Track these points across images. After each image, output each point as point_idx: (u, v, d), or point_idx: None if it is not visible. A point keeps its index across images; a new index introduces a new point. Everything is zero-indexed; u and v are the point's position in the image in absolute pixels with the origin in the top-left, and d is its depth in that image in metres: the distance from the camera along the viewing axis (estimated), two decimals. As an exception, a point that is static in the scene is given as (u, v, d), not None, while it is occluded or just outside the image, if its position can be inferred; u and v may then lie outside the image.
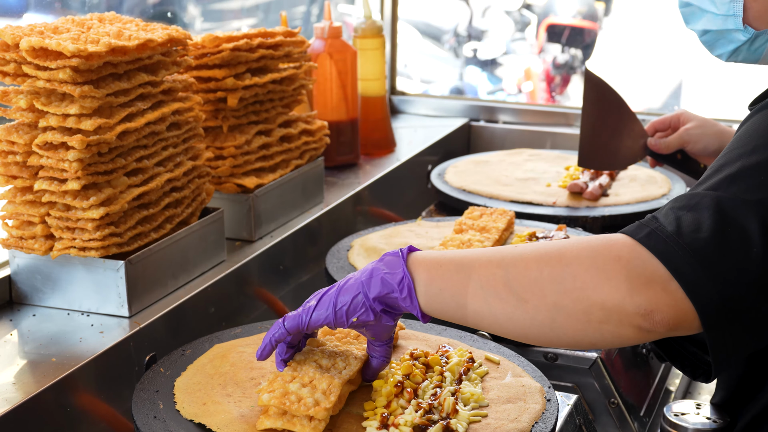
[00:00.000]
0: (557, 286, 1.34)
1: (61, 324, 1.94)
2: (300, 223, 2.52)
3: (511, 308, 1.37)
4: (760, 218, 1.31)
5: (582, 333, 1.36)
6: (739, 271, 1.30)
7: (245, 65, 2.32)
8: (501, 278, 1.38)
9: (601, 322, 1.33)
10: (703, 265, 1.30)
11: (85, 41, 1.84)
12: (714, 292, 1.30)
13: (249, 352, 1.80)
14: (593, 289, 1.32)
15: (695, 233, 1.32)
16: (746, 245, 1.30)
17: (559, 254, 1.36)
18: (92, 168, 1.88)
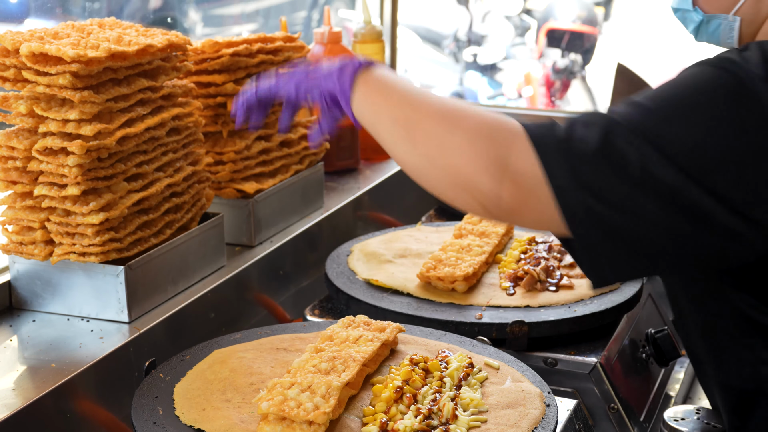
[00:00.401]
0: (441, 144, 1.49)
1: (61, 329, 1.94)
2: (300, 228, 2.52)
3: (404, 145, 1.54)
4: (640, 150, 1.41)
5: (443, 189, 1.52)
6: (608, 190, 1.41)
7: (245, 70, 2.32)
8: (407, 119, 1.54)
9: (459, 187, 1.49)
10: (575, 173, 1.41)
11: (85, 46, 1.84)
12: (580, 201, 1.41)
13: (249, 357, 1.80)
14: (465, 162, 1.46)
15: (581, 143, 1.43)
16: (622, 169, 1.40)
17: (457, 119, 1.50)
18: (92, 173, 1.88)
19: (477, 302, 2.05)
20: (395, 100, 1.56)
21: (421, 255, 2.28)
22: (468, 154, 1.46)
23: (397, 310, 2.02)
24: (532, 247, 2.31)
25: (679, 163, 1.41)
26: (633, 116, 1.45)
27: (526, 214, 1.47)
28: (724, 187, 1.42)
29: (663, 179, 1.41)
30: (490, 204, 1.46)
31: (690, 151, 1.42)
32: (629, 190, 1.41)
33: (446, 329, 1.95)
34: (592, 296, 2.08)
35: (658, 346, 2.14)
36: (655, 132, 1.43)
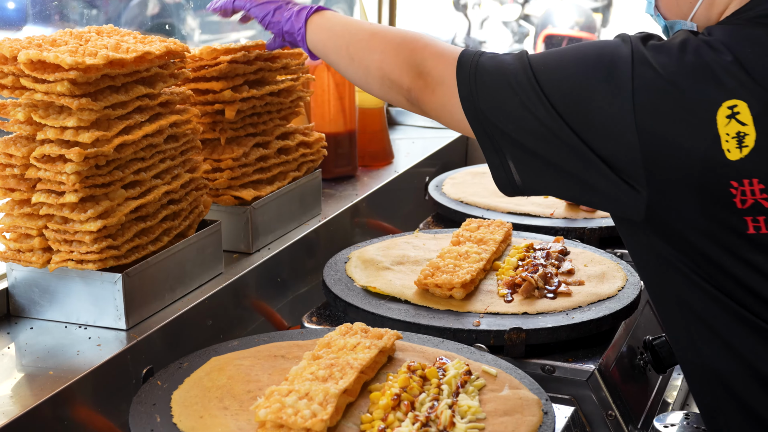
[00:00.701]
0: (373, 57, 1.91)
1: (59, 337, 1.94)
2: (298, 235, 2.52)
3: (348, 63, 1.98)
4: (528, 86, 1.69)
5: (380, 92, 1.94)
6: (498, 109, 1.72)
7: (243, 77, 2.33)
8: (346, 43, 1.97)
9: (389, 87, 1.90)
10: (475, 85, 1.75)
11: (83, 54, 1.84)
12: (476, 110, 1.74)
13: (246, 364, 1.80)
14: (391, 68, 1.89)
15: (492, 60, 1.76)
16: (511, 98, 1.70)
17: (385, 36, 1.93)
18: (90, 181, 1.88)
19: (475, 309, 2.05)
20: (336, 32, 2.00)
21: (418, 262, 2.28)
22: (392, 60, 1.88)
23: (394, 317, 2.02)
24: (530, 254, 2.31)
25: (554, 106, 1.67)
26: (541, 57, 1.74)
27: (437, 109, 1.84)
28: (601, 144, 1.64)
29: (541, 119, 1.68)
30: (411, 97, 1.87)
31: (563, 97, 1.67)
32: (515, 120, 1.70)
33: (444, 336, 1.95)
34: (590, 303, 2.08)
35: (655, 352, 2.14)
36: (545, 72, 1.70)
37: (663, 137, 1.61)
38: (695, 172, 1.59)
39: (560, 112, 1.66)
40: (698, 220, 1.62)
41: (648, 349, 2.15)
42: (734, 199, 1.59)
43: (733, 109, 1.58)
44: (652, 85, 1.62)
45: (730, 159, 1.58)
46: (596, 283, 2.18)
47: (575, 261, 2.30)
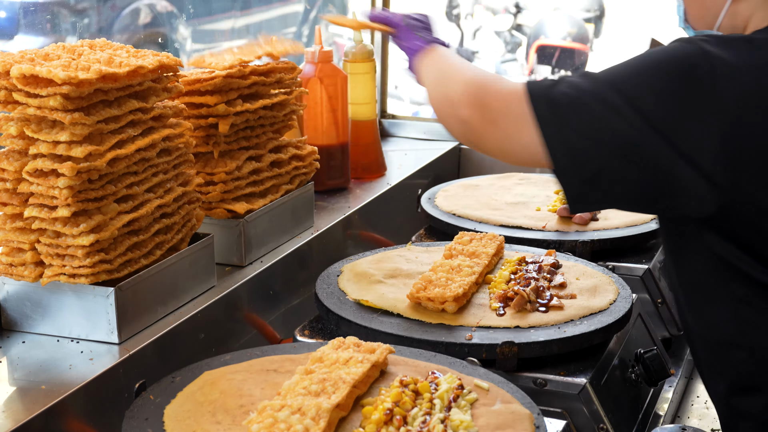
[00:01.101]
0: (443, 91, 1.93)
1: (51, 351, 1.94)
2: (290, 247, 2.52)
3: (429, 88, 2.00)
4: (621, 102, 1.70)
5: (442, 120, 1.94)
6: (588, 131, 1.72)
7: (237, 92, 2.33)
8: (434, 76, 1.99)
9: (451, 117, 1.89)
10: (555, 113, 1.74)
11: (75, 68, 1.85)
12: (558, 136, 1.74)
13: (239, 379, 1.80)
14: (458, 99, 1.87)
15: (564, 84, 1.77)
16: (604, 117, 1.71)
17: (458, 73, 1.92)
18: (82, 195, 1.89)
19: (467, 323, 2.06)
20: (433, 62, 2.02)
21: (411, 275, 2.29)
22: (460, 93, 1.86)
23: (387, 330, 2.02)
24: (522, 267, 2.31)
25: (641, 112, 1.69)
26: (610, 73, 1.77)
27: (498, 140, 1.83)
28: (686, 145, 1.68)
29: (625, 129, 1.69)
30: (467, 130, 1.86)
31: (652, 103, 1.70)
32: (597, 135, 1.71)
33: (436, 350, 1.95)
34: (582, 317, 2.09)
35: (647, 365, 2.15)
36: (624, 85, 1.72)
37: (748, 129, 1.69)
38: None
39: (647, 118, 1.70)
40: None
41: (640, 362, 2.16)
42: None
43: None
44: (733, 82, 1.70)
45: None
46: (588, 296, 2.18)
47: (567, 274, 2.30)
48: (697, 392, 2.56)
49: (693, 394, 2.56)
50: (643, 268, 2.55)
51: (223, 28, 6.49)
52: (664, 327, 2.55)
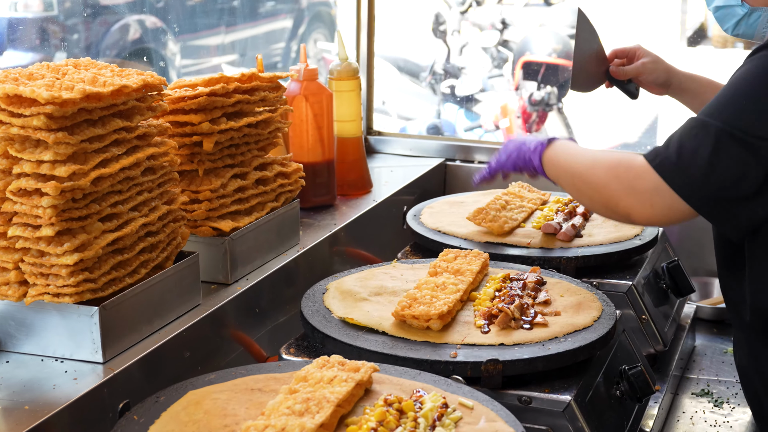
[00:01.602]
0: (597, 194, 2.07)
1: (35, 370, 1.94)
2: (276, 265, 2.52)
3: (577, 195, 2.14)
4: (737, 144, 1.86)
5: (606, 215, 2.12)
6: (724, 186, 1.88)
7: (221, 110, 2.34)
8: (571, 173, 2.14)
9: (613, 213, 2.06)
10: (693, 183, 1.90)
11: (59, 88, 1.85)
12: (704, 197, 1.90)
13: (223, 398, 1.80)
14: (611, 198, 2.03)
15: (692, 159, 1.90)
16: (736, 171, 1.86)
17: (597, 170, 2.07)
18: (66, 214, 1.89)
19: (452, 340, 2.06)
20: (563, 164, 2.16)
21: (396, 293, 2.29)
22: (605, 186, 2.04)
23: (372, 348, 2.02)
24: (507, 284, 2.32)
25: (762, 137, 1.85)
26: (722, 113, 1.90)
27: (660, 216, 1.99)
28: None
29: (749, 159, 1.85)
30: (630, 219, 2.04)
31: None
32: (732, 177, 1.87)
33: (421, 368, 1.95)
34: (566, 334, 2.09)
35: (631, 382, 2.15)
36: (738, 119, 1.87)
37: None
38: None
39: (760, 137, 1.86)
40: None
41: (624, 378, 2.16)
42: None
43: None
44: None
45: None
46: (572, 313, 2.19)
47: (551, 291, 2.31)
48: (683, 408, 2.57)
49: (678, 409, 2.56)
50: (628, 285, 2.55)
51: (211, 43, 6.50)
52: (649, 343, 2.55)
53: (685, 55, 7.46)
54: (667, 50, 7.76)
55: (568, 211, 2.87)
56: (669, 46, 7.63)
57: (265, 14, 7.57)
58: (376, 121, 3.87)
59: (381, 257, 2.94)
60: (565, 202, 2.96)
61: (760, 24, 2.18)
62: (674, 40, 7.79)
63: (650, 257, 2.76)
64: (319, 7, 8.60)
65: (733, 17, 2.20)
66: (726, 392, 2.65)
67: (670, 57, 2.83)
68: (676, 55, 7.31)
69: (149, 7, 4.81)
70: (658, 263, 2.80)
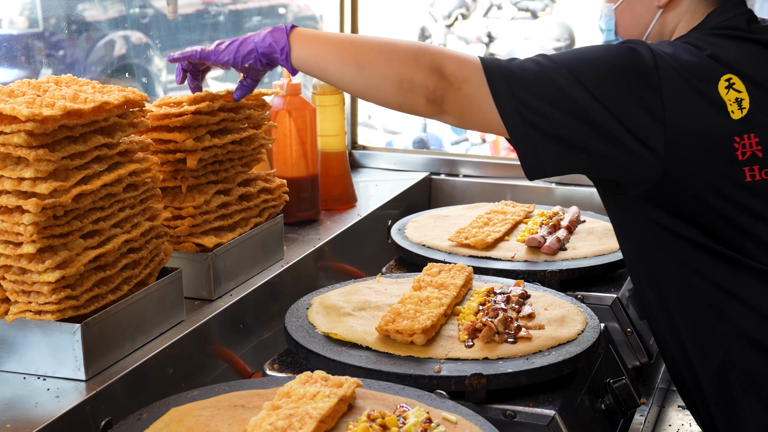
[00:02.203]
0: (389, 63, 1.98)
1: (17, 388, 1.93)
2: (260, 280, 2.52)
3: (356, 75, 2.01)
4: (572, 79, 1.93)
5: (395, 98, 2.01)
6: (534, 102, 1.93)
7: (206, 128, 2.33)
8: (353, 54, 2.00)
9: (408, 92, 1.98)
10: (511, 86, 1.94)
11: (40, 105, 1.85)
12: (513, 107, 1.93)
13: (206, 415, 1.79)
14: (412, 71, 1.97)
15: (519, 67, 1.96)
16: (558, 88, 1.92)
17: (396, 45, 2.00)
18: (48, 231, 1.88)
19: (436, 355, 2.06)
20: (334, 44, 2.03)
21: (380, 307, 2.29)
22: (412, 64, 1.96)
23: (356, 363, 2.02)
24: (491, 298, 2.32)
25: (589, 88, 1.92)
26: (559, 55, 1.99)
27: (463, 105, 1.97)
28: (624, 114, 1.92)
29: (577, 99, 1.92)
30: (435, 97, 1.97)
31: (598, 80, 1.92)
32: (551, 105, 1.93)
33: (405, 383, 1.95)
34: (550, 347, 2.09)
35: (616, 395, 2.15)
36: (573, 64, 1.94)
37: (684, 113, 1.93)
38: (709, 134, 1.94)
39: (594, 93, 1.92)
40: (707, 176, 1.94)
41: (609, 392, 2.16)
42: (736, 153, 1.94)
43: (729, 81, 1.96)
44: (670, 73, 1.94)
45: (734, 118, 1.94)
46: (556, 326, 2.19)
47: (535, 305, 2.31)
48: (669, 420, 2.57)
49: (665, 422, 2.56)
50: (612, 297, 2.56)
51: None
52: (634, 356, 2.55)
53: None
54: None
55: (553, 224, 2.87)
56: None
57: (250, 29, 7.57)
58: (361, 135, 3.87)
59: (366, 272, 2.94)
60: (550, 216, 2.97)
61: None
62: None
63: (635, 270, 2.77)
64: (306, 22, 8.61)
65: None
66: (711, 404, 2.65)
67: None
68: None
69: (132, 23, 4.79)
70: (643, 276, 2.80)
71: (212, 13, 6.60)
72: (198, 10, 6.24)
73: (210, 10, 6.55)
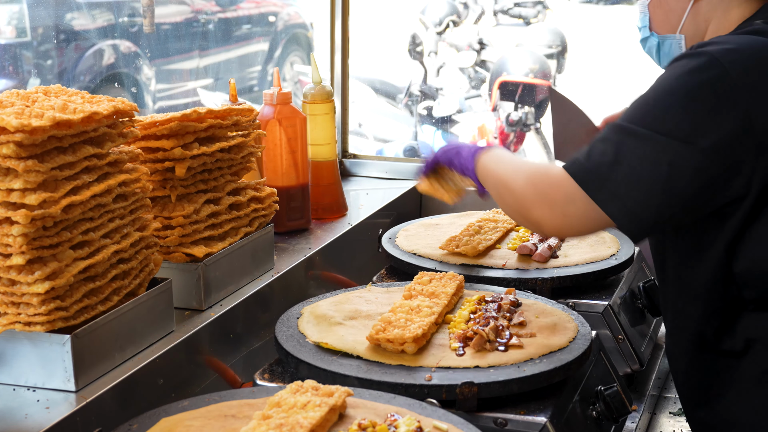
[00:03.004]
0: (513, 200, 2.12)
1: (7, 400, 1.92)
2: (251, 290, 2.51)
3: (499, 201, 2.20)
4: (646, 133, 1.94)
5: (515, 217, 2.17)
6: (633, 187, 1.93)
7: (193, 135, 2.33)
8: (500, 180, 2.17)
9: (531, 225, 2.11)
10: (602, 183, 1.95)
11: (29, 116, 1.84)
12: (618, 203, 1.95)
13: (196, 425, 1.79)
14: (530, 210, 2.07)
15: (600, 158, 1.96)
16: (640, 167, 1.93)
17: (515, 181, 2.11)
18: (37, 242, 1.87)
19: (427, 363, 2.05)
20: (494, 172, 2.21)
21: (371, 316, 2.28)
22: (523, 194, 2.08)
23: (346, 373, 2.02)
24: (482, 306, 2.32)
25: (672, 135, 1.91)
26: (632, 113, 1.98)
27: (575, 226, 2.03)
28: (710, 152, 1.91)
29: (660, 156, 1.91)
30: (549, 229, 2.07)
31: (677, 122, 1.92)
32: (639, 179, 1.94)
33: (396, 392, 1.95)
34: (542, 355, 2.09)
35: (607, 402, 2.15)
36: (645, 118, 1.95)
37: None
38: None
39: (673, 135, 1.92)
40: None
41: (600, 399, 2.16)
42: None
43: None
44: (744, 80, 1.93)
45: None
46: (548, 334, 2.19)
47: (527, 312, 2.31)
48: (660, 427, 2.57)
49: (656, 429, 2.56)
50: (604, 305, 2.56)
51: (187, 67, 6.50)
52: (626, 363, 2.55)
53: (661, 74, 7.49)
54: (643, 69, 7.82)
55: (543, 231, 2.87)
56: (645, 65, 7.67)
57: (240, 38, 7.58)
58: (352, 143, 3.87)
59: (356, 281, 2.94)
60: (541, 223, 2.97)
61: (674, 51, 2.22)
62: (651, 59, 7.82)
63: (626, 277, 2.77)
64: (296, 30, 8.61)
65: (652, 49, 2.28)
66: (703, 411, 2.65)
67: (647, 76, 2.85)
68: (653, 74, 7.34)
69: (121, 32, 4.80)
70: (635, 283, 2.80)
71: (201, 22, 6.61)
72: (187, 18, 6.25)
73: (199, 18, 6.56)
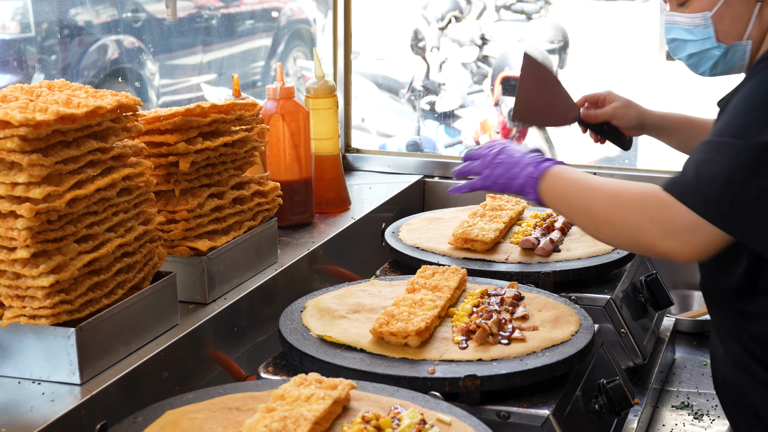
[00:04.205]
0: (615, 226, 2.07)
1: (12, 393, 1.93)
2: (254, 284, 2.52)
3: (589, 228, 2.14)
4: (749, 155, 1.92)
5: (631, 250, 2.24)
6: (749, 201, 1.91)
7: (197, 129, 2.34)
8: (586, 210, 2.11)
9: (643, 249, 2.08)
10: (718, 206, 1.93)
11: (33, 110, 1.85)
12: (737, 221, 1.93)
13: (201, 418, 1.79)
14: (640, 235, 2.02)
15: (712, 182, 1.93)
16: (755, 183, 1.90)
17: (619, 202, 2.05)
18: (42, 236, 1.88)
19: (430, 357, 2.06)
20: (578, 205, 2.13)
21: (374, 310, 2.29)
22: (640, 229, 2.02)
23: (350, 366, 2.02)
24: (485, 300, 2.32)
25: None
26: (732, 128, 1.96)
27: (698, 253, 2.00)
28: None
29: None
30: (680, 259, 2.01)
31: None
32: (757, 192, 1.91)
33: (399, 385, 1.95)
34: (544, 348, 2.10)
35: (610, 396, 2.16)
36: (747, 131, 1.93)
37: None
38: None
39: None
40: None
41: (603, 392, 2.17)
42: None
43: None
44: None
45: None
46: (550, 328, 2.19)
47: (529, 306, 2.32)
48: (663, 420, 2.58)
49: (659, 422, 2.57)
50: (606, 299, 2.56)
51: (190, 63, 6.50)
52: (628, 356, 2.56)
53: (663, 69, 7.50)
54: (645, 64, 7.81)
55: (546, 225, 2.88)
56: (647, 61, 7.68)
57: (243, 33, 7.57)
58: (354, 138, 3.87)
59: (360, 274, 2.94)
60: (543, 217, 2.97)
61: (737, 59, 2.20)
62: (653, 54, 7.83)
63: (629, 271, 2.77)
64: (299, 25, 8.61)
65: (710, 60, 2.23)
66: (706, 404, 2.66)
67: (649, 71, 2.85)
68: (655, 69, 7.35)
69: (125, 27, 4.80)
70: (637, 277, 2.81)
71: (205, 17, 6.61)
72: (191, 13, 6.25)
73: (203, 14, 6.56)
